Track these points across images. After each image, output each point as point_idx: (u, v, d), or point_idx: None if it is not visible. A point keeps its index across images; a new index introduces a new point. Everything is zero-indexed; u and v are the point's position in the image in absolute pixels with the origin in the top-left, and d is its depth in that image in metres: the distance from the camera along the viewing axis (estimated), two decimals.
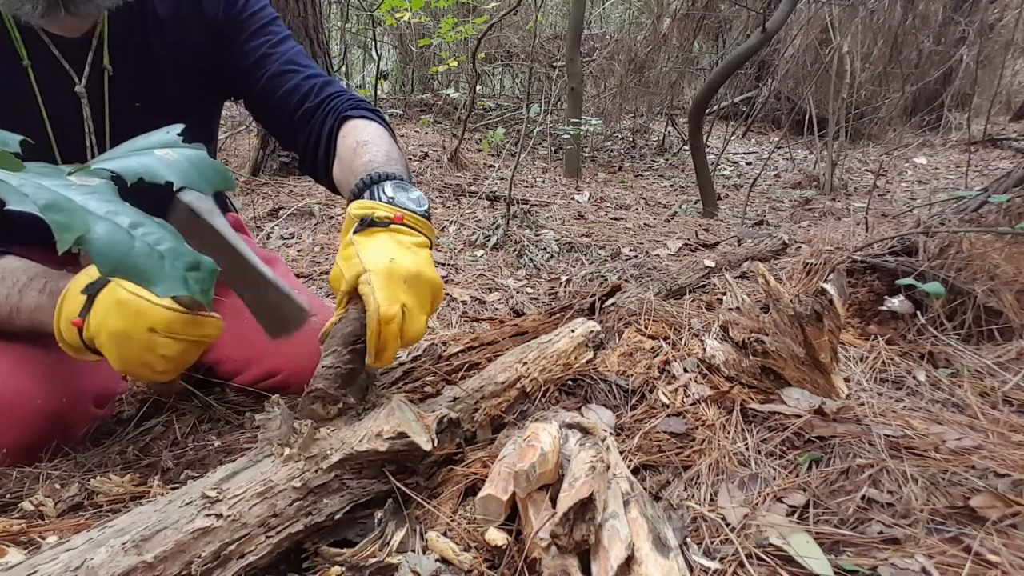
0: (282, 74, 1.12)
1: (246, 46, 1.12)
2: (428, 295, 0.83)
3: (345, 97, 1.12)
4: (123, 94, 1.05)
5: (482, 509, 0.71)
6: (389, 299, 0.76)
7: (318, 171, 1.13)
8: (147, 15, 1.04)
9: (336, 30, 6.57)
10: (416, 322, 0.79)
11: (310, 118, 1.11)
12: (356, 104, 1.12)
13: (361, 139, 1.03)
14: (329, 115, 1.10)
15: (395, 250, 0.81)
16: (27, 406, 0.94)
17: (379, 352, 0.78)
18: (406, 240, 0.84)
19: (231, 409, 1.11)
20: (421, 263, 0.82)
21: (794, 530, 0.69)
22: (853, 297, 1.44)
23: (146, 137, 0.44)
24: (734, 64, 3.77)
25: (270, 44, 1.13)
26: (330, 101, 1.11)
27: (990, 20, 5.61)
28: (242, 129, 4.29)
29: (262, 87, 1.12)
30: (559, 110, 5.32)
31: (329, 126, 1.09)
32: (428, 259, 0.85)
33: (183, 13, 1.07)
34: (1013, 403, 1.04)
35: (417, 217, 0.88)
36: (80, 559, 0.57)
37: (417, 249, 0.84)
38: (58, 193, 0.33)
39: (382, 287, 0.77)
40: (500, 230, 2.67)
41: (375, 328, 0.76)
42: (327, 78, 1.15)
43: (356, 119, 1.08)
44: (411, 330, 0.79)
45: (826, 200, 4.03)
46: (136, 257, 0.34)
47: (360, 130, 1.05)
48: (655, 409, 0.96)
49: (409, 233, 0.86)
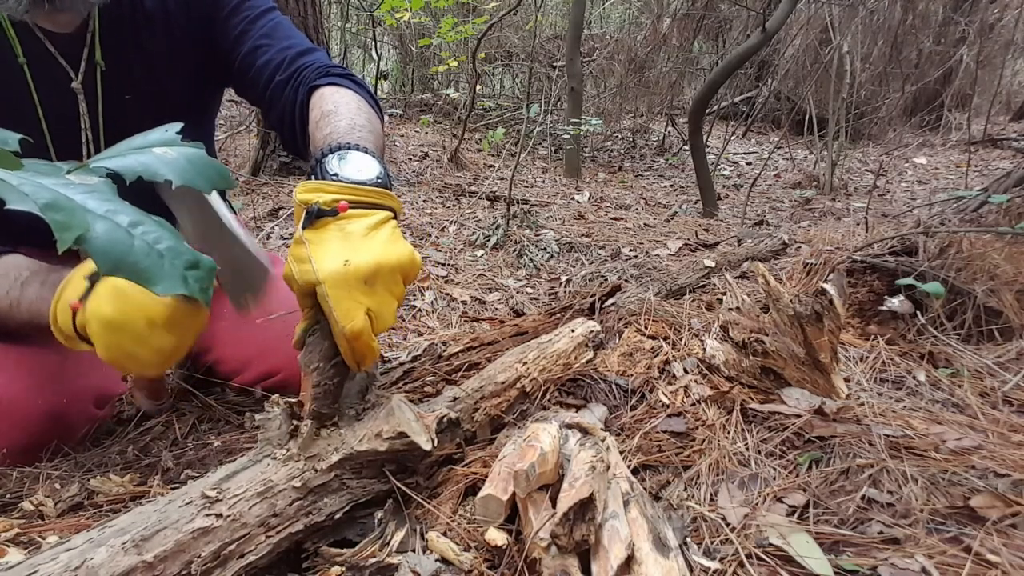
0: (255, 49, 1.08)
1: (226, 25, 1.09)
2: (396, 279, 0.77)
3: (315, 66, 1.04)
4: (116, 88, 1.05)
5: (482, 509, 0.71)
6: (349, 313, 0.71)
7: (298, 149, 1.07)
8: (136, 8, 1.04)
9: (336, 30, 6.57)
10: (387, 317, 0.75)
11: (282, 92, 1.05)
12: (327, 71, 1.04)
13: (326, 109, 0.95)
14: (300, 87, 1.03)
15: (348, 248, 0.74)
16: (27, 407, 0.94)
17: (359, 363, 0.75)
18: (359, 226, 0.76)
19: (231, 409, 1.11)
20: (380, 250, 0.75)
21: (794, 530, 0.69)
22: (853, 297, 1.44)
23: (145, 136, 0.44)
24: (734, 64, 3.77)
25: (247, 20, 1.09)
26: (301, 72, 1.04)
27: (990, 20, 5.60)
28: (242, 129, 4.29)
29: (239, 64, 1.09)
30: (559, 110, 5.32)
31: (300, 99, 1.02)
32: (390, 237, 0.77)
33: (169, 4, 1.06)
34: (1013, 403, 1.04)
35: (368, 189, 0.79)
36: (80, 559, 0.57)
37: (374, 233, 0.77)
38: (57, 192, 0.33)
39: (340, 299, 0.71)
40: (500, 230, 2.67)
41: (345, 347, 0.73)
42: (301, 48, 1.08)
43: (324, 87, 1.01)
44: (383, 325, 0.75)
45: (826, 200, 4.03)
46: (136, 256, 0.34)
47: (326, 99, 0.98)
48: (655, 409, 0.96)
49: (361, 215, 0.78)
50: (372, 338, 0.74)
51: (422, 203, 3.32)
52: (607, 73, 6.11)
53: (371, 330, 0.73)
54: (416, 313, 1.92)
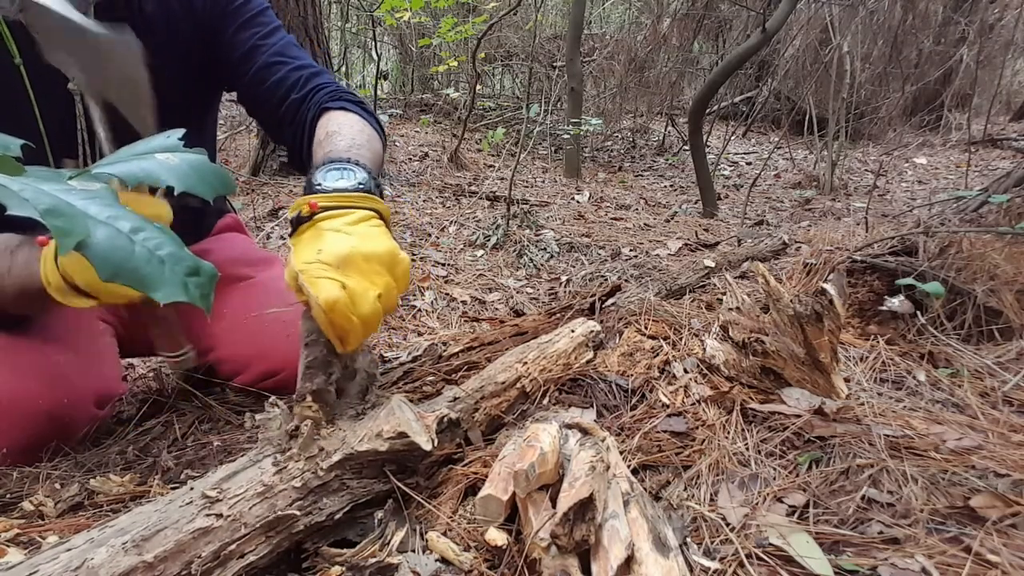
0: (269, 66, 1.10)
1: (235, 38, 1.11)
2: (375, 268, 0.78)
3: (329, 89, 1.10)
4: None
5: (482, 509, 0.71)
6: (322, 286, 0.73)
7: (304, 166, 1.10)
8: (134, 11, 1.03)
9: (336, 30, 6.57)
10: (365, 299, 0.76)
11: (296, 111, 1.09)
12: (338, 95, 1.09)
13: (331, 129, 1.00)
14: (312, 108, 1.08)
15: (322, 240, 0.78)
16: (27, 406, 0.94)
17: (341, 339, 0.76)
18: (335, 224, 0.80)
19: (231, 409, 1.11)
20: (357, 240, 0.78)
21: (794, 530, 0.69)
22: (853, 297, 1.44)
23: (147, 141, 0.44)
24: (734, 64, 3.77)
25: (259, 36, 1.11)
26: (314, 94, 1.09)
27: (990, 20, 5.60)
28: (242, 129, 4.29)
29: (250, 79, 1.11)
30: (559, 110, 5.32)
31: (310, 119, 1.07)
32: (368, 233, 0.80)
33: (171, 7, 1.07)
34: (1013, 403, 1.04)
35: (347, 195, 0.83)
36: (80, 559, 0.57)
37: (351, 227, 0.80)
38: (58, 198, 0.33)
39: (313, 281, 0.74)
40: (500, 230, 2.67)
41: (322, 319, 0.74)
42: (315, 69, 1.13)
43: (334, 110, 1.06)
44: (362, 308, 0.75)
45: (826, 200, 4.03)
46: (136, 262, 0.34)
47: (332, 120, 1.03)
48: (655, 409, 0.96)
49: (338, 215, 0.81)
50: (350, 313, 0.74)
51: (422, 203, 3.32)
52: (607, 73, 6.11)
53: (348, 304, 0.74)
54: (416, 313, 1.92)
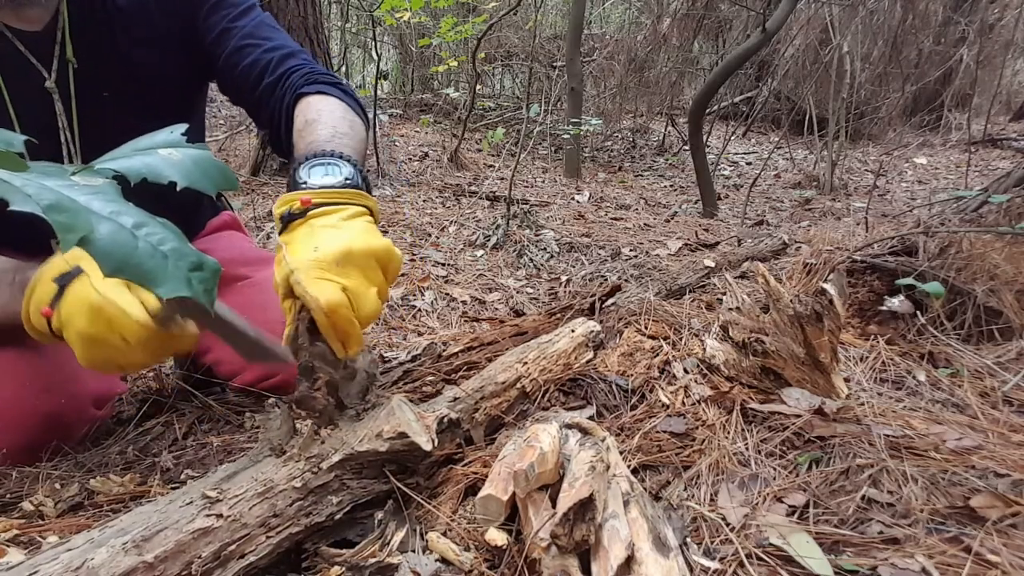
0: (240, 49, 1.07)
1: (206, 22, 1.09)
2: (372, 265, 0.77)
3: (304, 71, 1.05)
4: (92, 86, 1.04)
5: (482, 509, 0.71)
6: (323, 289, 0.72)
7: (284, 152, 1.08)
8: (107, 5, 1.03)
9: (336, 30, 6.57)
10: (366, 299, 0.75)
11: (270, 95, 1.05)
12: (314, 78, 1.04)
13: (310, 118, 0.96)
14: (287, 93, 1.03)
15: (317, 237, 0.76)
16: (26, 407, 0.94)
17: (343, 342, 0.75)
18: (328, 220, 0.78)
19: (231, 409, 1.11)
20: (352, 237, 0.76)
21: (794, 530, 0.69)
22: (853, 297, 1.44)
23: (150, 137, 0.44)
24: (734, 64, 3.77)
25: (229, 18, 1.09)
26: (287, 76, 1.05)
27: (990, 20, 5.61)
28: (242, 129, 4.29)
29: (223, 64, 1.09)
30: (559, 110, 5.32)
31: (286, 105, 1.03)
32: (363, 229, 0.78)
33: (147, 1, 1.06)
34: (1013, 403, 1.04)
35: (336, 191, 0.81)
36: (80, 559, 0.57)
37: (346, 224, 0.78)
38: (61, 193, 0.33)
39: (312, 281, 0.72)
40: (500, 230, 2.67)
41: (324, 322, 0.72)
42: (287, 49, 1.09)
43: (311, 95, 1.01)
44: (364, 308, 0.74)
45: (826, 200, 4.03)
46: (140, 258, 0.34)
47: (310, 108, 0.99)
48: (655, 409, 0.96)
49: (330, 211, 0.79)
50: (352, 316, 0.73)
51: (422, 203, 3.32)
52: (607, 73, 6.11)
53: (350, 307, 0.73)
54: (416, 313, 1.92)
